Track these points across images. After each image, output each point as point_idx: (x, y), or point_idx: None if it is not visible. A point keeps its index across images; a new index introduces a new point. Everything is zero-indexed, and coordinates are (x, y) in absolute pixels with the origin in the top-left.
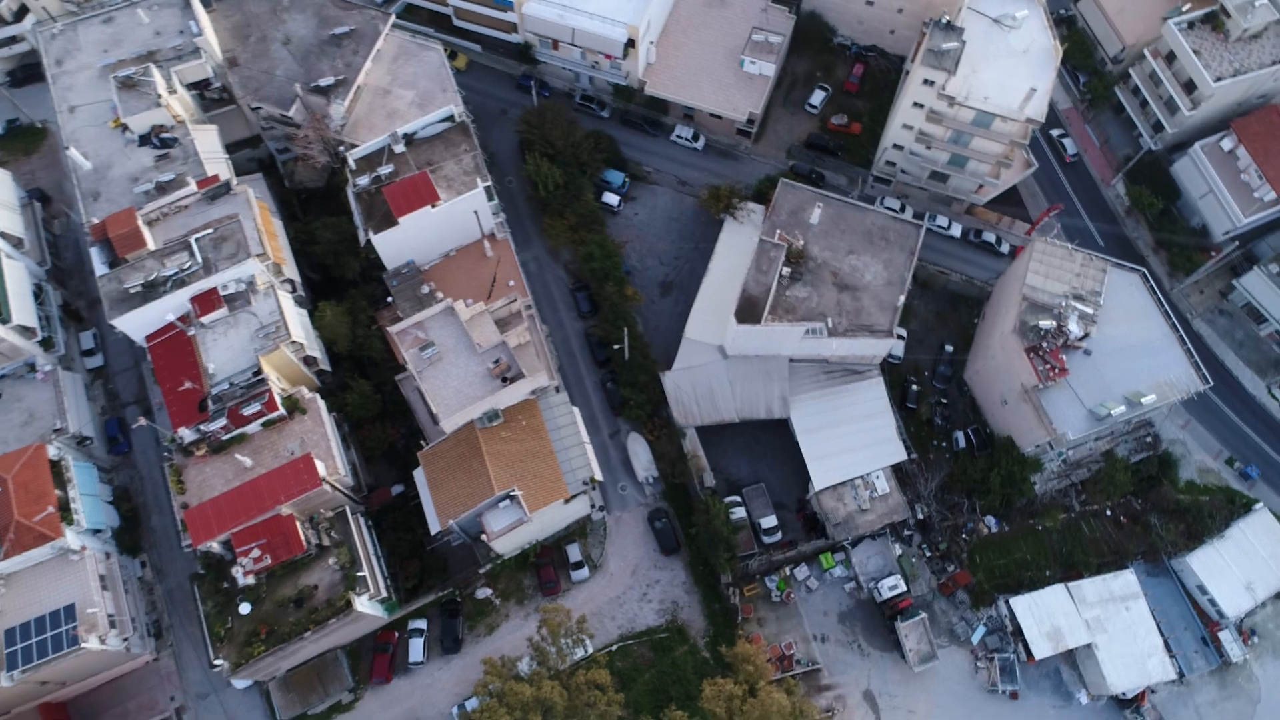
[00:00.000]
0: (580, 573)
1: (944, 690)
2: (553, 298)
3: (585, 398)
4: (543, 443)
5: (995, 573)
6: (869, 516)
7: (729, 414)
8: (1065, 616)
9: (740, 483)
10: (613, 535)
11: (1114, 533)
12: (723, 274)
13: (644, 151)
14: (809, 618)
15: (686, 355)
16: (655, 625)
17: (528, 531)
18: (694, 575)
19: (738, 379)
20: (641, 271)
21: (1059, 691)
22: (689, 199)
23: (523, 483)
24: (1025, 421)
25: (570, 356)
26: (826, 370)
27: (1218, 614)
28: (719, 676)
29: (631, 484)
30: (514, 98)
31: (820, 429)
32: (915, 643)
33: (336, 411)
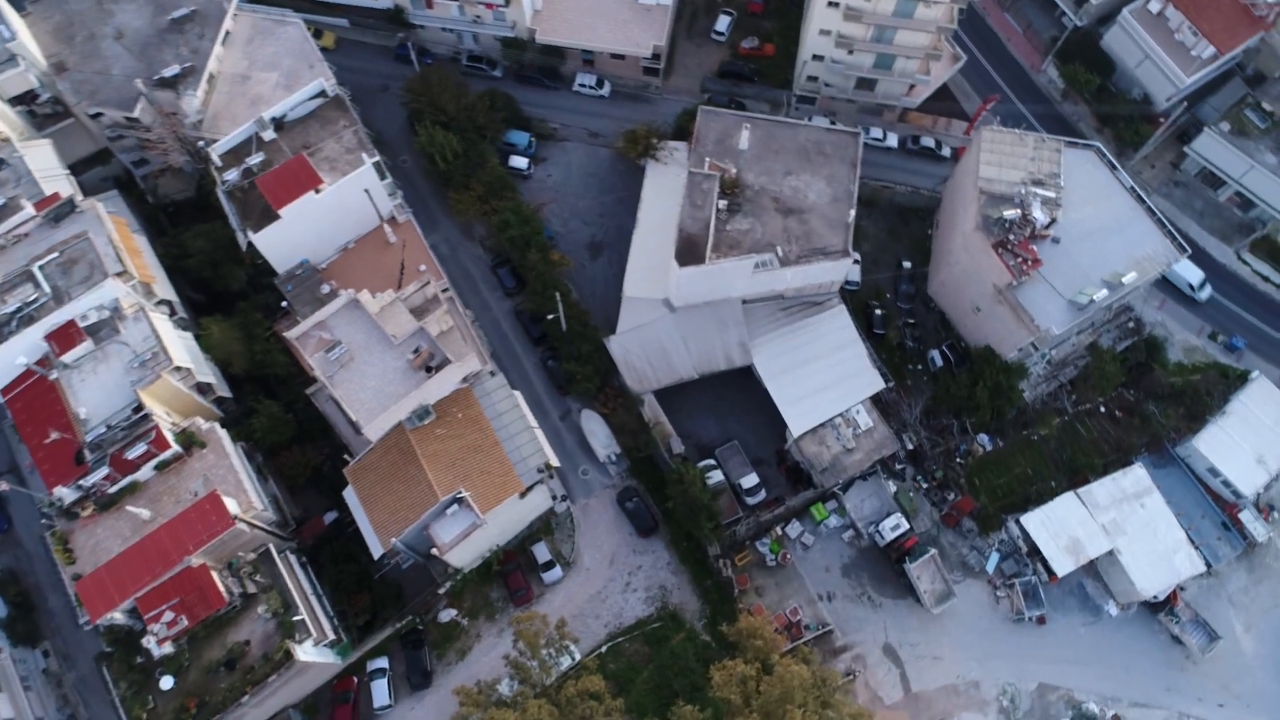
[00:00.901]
0: (552, 573)
1: (967, 628)
2: (473, 279)
3: (526, 381)
4: (485, 435)
5: (998, 493)
6: (856, 456)
7: (686, 371)
8: (1081, 526)
9: (711, 444)
10: (582, 526)
11: (1112, 429)
12: (654, 222)
13: (547, 107)
14: (810, 577)
15: (630, 315)
16: (645, 616)
17: (485, 537)
18: (678, 553)
19: (690, 332)
20: (566, 235)
21: (1086, 608)
22: (604, 150)
23: (469, 482)
24: (1003, 325)
25: (503, 339)
26: (784, 307)
27: (1234, 495)
28: (726, 659)
29: (593, 467)
30: (394, 70)
31: (788, 370)
32: (929, 583)
33: (244, 441)
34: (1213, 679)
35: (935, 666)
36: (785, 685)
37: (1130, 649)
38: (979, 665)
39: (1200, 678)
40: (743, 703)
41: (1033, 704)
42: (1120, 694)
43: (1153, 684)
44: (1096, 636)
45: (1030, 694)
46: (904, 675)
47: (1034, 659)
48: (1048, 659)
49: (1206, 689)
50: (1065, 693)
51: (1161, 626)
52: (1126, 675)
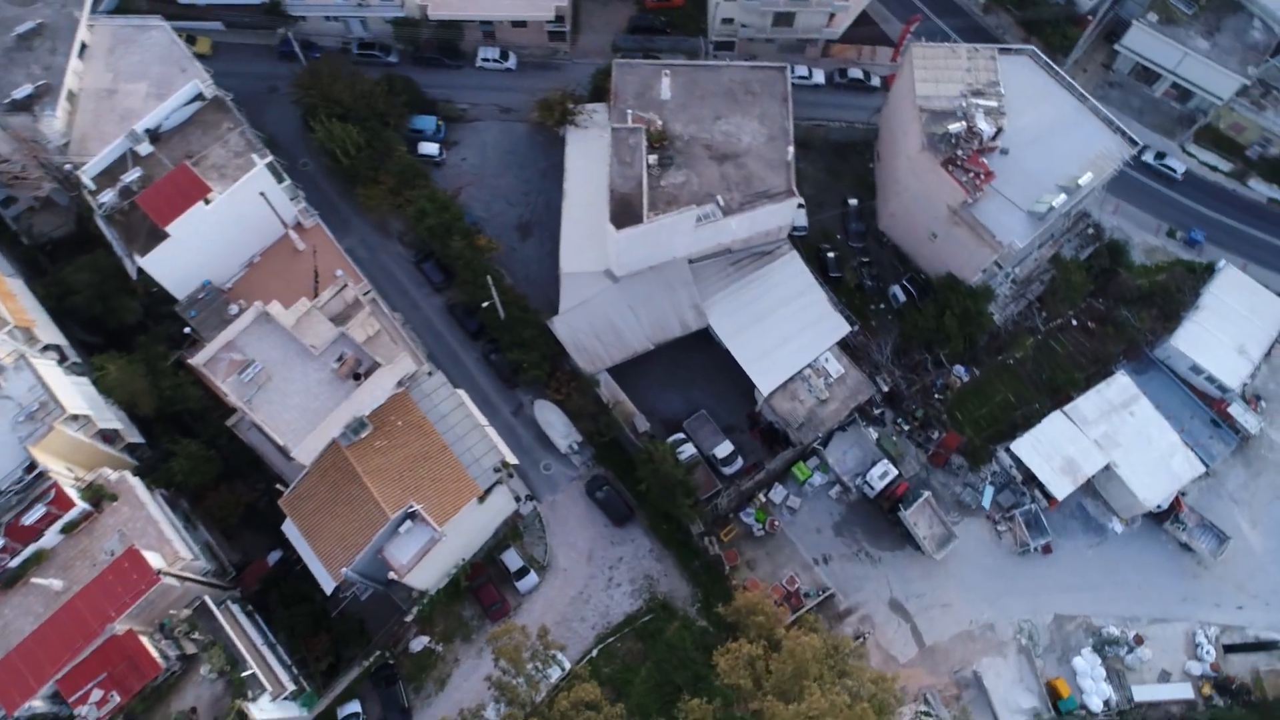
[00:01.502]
0: (527, 580)
1: (972, 570)
2: (397, 280)
3: (470, 380)
4: (430, 440)
5: (983, 424)
6: (831, 406)
7: (639, 343)
8: (1073, 444)
9: (678, 418)
10: (552, 525)
11: (1087, 341)
12: (583, 192)
13: (452, 88)
14: (802, 542)
15: (571, 292)
16: (634, 610)
17: (447, 552)
18: (660, 538)
19: (638, 301)
20: (490, 220)
21: (1090, 529)
22: (519, 125)
23: (420, 494)
24: (963, 248)
25: (438, 339)
26: (733, 261)
27: (1220, 390)
28: (729, 641)
29: (555, 460)
30: (280, 70)
31: (747, 327)
32: (927, 528)
33: (164, 487)
34: (1227, 582)
35: (946, 615)
36: (797, 659)
37: (1141, 564)
38: (990, 606)
39: (1215, 582)
40: (753, 685)
41: (1051, 637)
42: (1138, 612)
43: (1168, 597)
44: (1105, 557)
45: (1047, 627)
46: (915, 629)
47: (1045, 590)
48: (1059, 588)
49: (1223, 593)
50: (1082, 620)
51: (1169, 536)
52: (1141, 592)
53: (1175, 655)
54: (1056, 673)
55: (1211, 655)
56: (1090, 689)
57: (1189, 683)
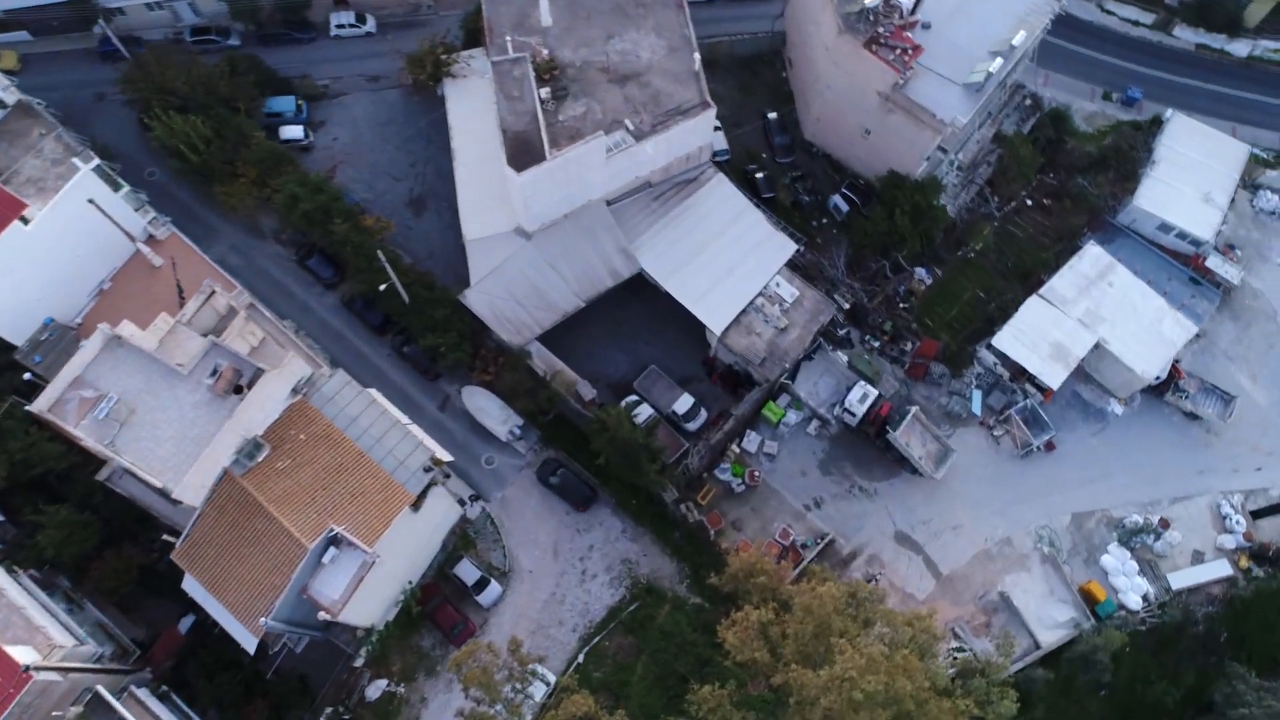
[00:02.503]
0: (489, 592)
1: (976, 484)
2: (282, 285)
3: (384, 380)
4: (343, 449)
5: (956, 326)
6: (792, 334)
7: (569, 303)
8: (1056, 327)
9: (627, 379)
10: (507, 524)
11: (1047, 220)
12: (474, 148)
13: (309, 64)
14: (788, 489)
15: (480, 260)
16: (617, 602)
17: (387, 575)
18: (630, 515)
19: (558, 256)
20: (377, 200)
21: (1090, 416)
22: (391, 91)
23: (340, 513)
24: (900, 138)
25: (339, 340)
26: (656, 196)
27: (1194, 245)
28: (732, 613)
29: (497, 451)
30: (105, 74)
31: (685, 264)
32: (921, 446)
33: (35, 566)
34: (1240, 445)
35: (958, 538)
36: (817, 615)
37: (1149, 444)
38: (1003, 519)
39: (1228, 448)
40: (770, 657)
41: (1073, 539)
42: (1156, 494)
43: (1184, 472)
44: (1111, 443)
45: (1066, 530)
46: (928, 560)
47: (1056, 491)
48: (1070, 485)
49: (1238, 457)
50: (1101, 514)
51: (1172, 408)
52: (1155, 473)
53: (1204, 532)
54: (1087, 576)
55: (1241, 525)
56: (1125, 586)
57: (1224, 559)
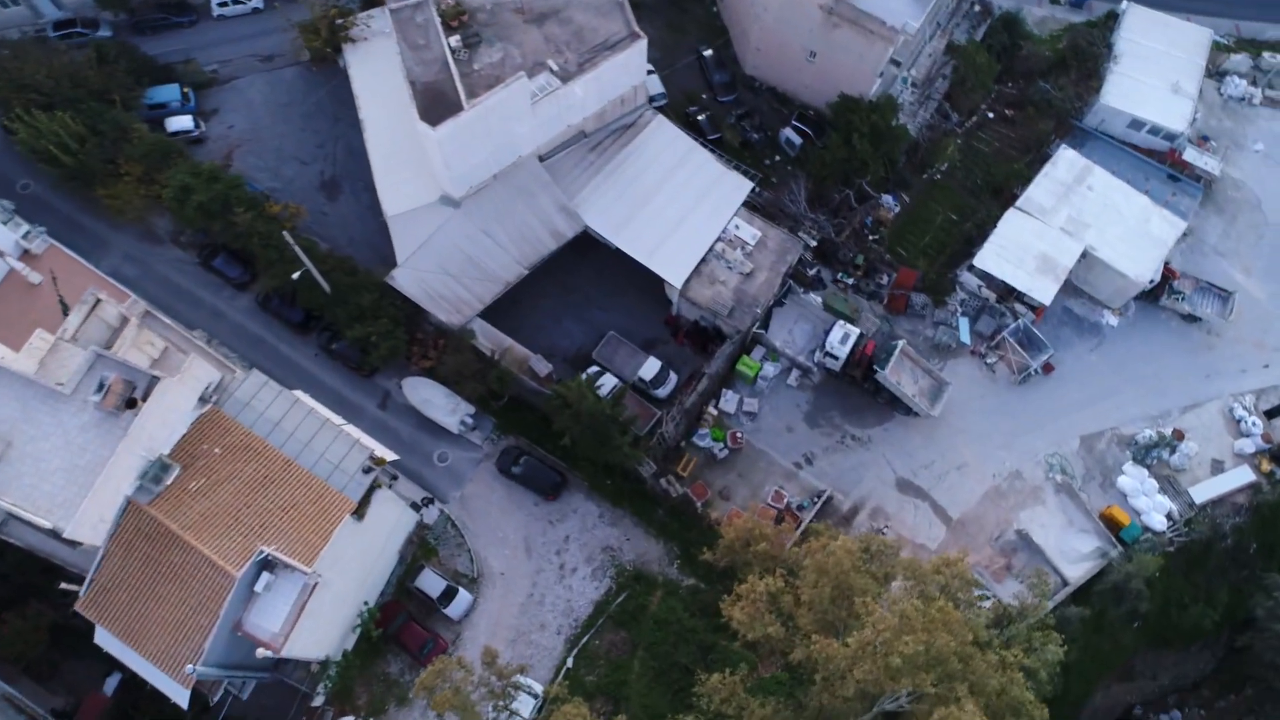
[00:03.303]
0: (458, 602)
1: (976, 417)
2: (186, 292)
3: (314, 384)
4: (267, 459)
5: (932, 253)
6: (759, 278)
7: (510, 272)
8: (1040, 239)
9: (584, 351)
10: (470, 525)
11: (1012, 131)
12: (384, 115)
13: (193, 49)
14: (775, 448)
15: (405, 237)
16: (602, 595)
17: (336, 597)
18: (606, 497)
19: (491, 222)
20: (285, 187)
21: (1084, 332)
22: (288, 70)
23: (270, 532)
24: (849, 55)
25: (258, 345)
26: (593, 146)
27: (1167, 140)
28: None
29: (449, 445)
30: None
31: (633, 216)
32: (913, 383)
33: None
34: (1243, 343)
35: (964, 478)
36: (834, 575)
37: (1150, 353)
38: (1008, 451)
39: (1231, 347)
40: (785, 631)
41: (1085, 464)
42: (1165, 405)
43: (1190, 378)
44: (1110, 358)
45: (1077, 454)
46: (936, 506)
47: (1061, 415)
48: (1074, 407)
49: (1244, 356)
50: (1111, 434)
51: (1169, 313)
52: (1160, 383)
53: (1220, 440)
54: (1106, 502)
55: (1258, 426)
56: (1147, 507)
57: (1245, 464)
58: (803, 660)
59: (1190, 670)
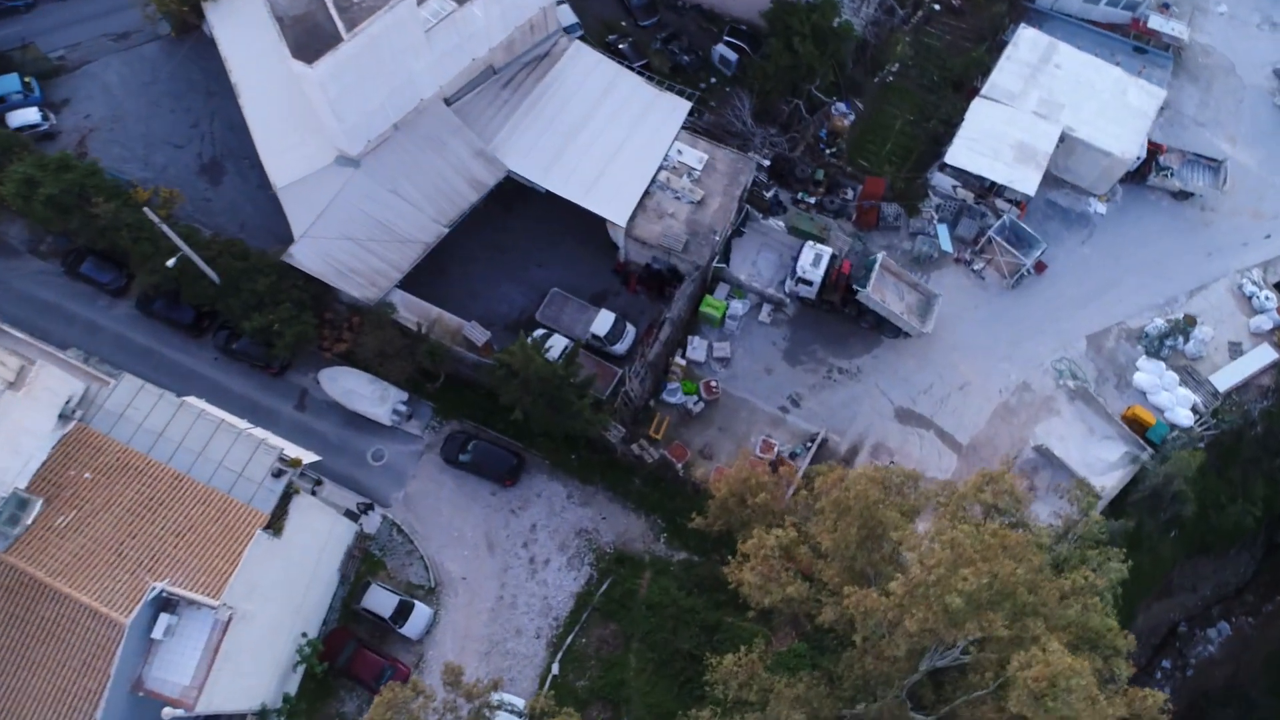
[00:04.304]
0: (416, 618)
1: (971, 331)
2: (54, 307)
3: (218, 392)
4: (153, 477)
5: (896, 160)
6: (713, 205)
7: (427, 232)
8: (1013, 126)
9: (526, 314)
10: (419, 528)
11: (961, 21)
12: (260, 77)
13: (32, 34)
14: (755, 393)
15: (300, 207)
16: (582, 587)
17: (262, 632)
18: (573, 474)
19: (400, 178)
20: (159, 176)
21: (1073, 224)
22: (149, 46)
23: (164, 563)
24: None
25: (145, 356)
26: (505, 83)
27: (1128, 9)
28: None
29: (384, 441)
30: None
31: (561, 153)
32: (899, 299)
33: None
34: (1239, 215)
35: (968, 398)
36: (859, 512)
37: (1145, 238)
38: (1011, 363)
39: (1228, 220)
40: (806, 590)
41: (1096, 365)
42: (1170, 291)
43: (1191, 259)
44: (1104, 249)
45: (1085, 356)
46: (942, 433)
47: (1061, 316)
48: (1075, 305)
49: (1242, 229)
50: (1119, 329)
51: (1158, 192)
52: (1160, 268)
53: (1234, 320)
54: (1125, 403)
55: (1271, 300)
56: (1170, 402)
57: (1264, 343)
58: (834, 621)
59: (1230, 577)
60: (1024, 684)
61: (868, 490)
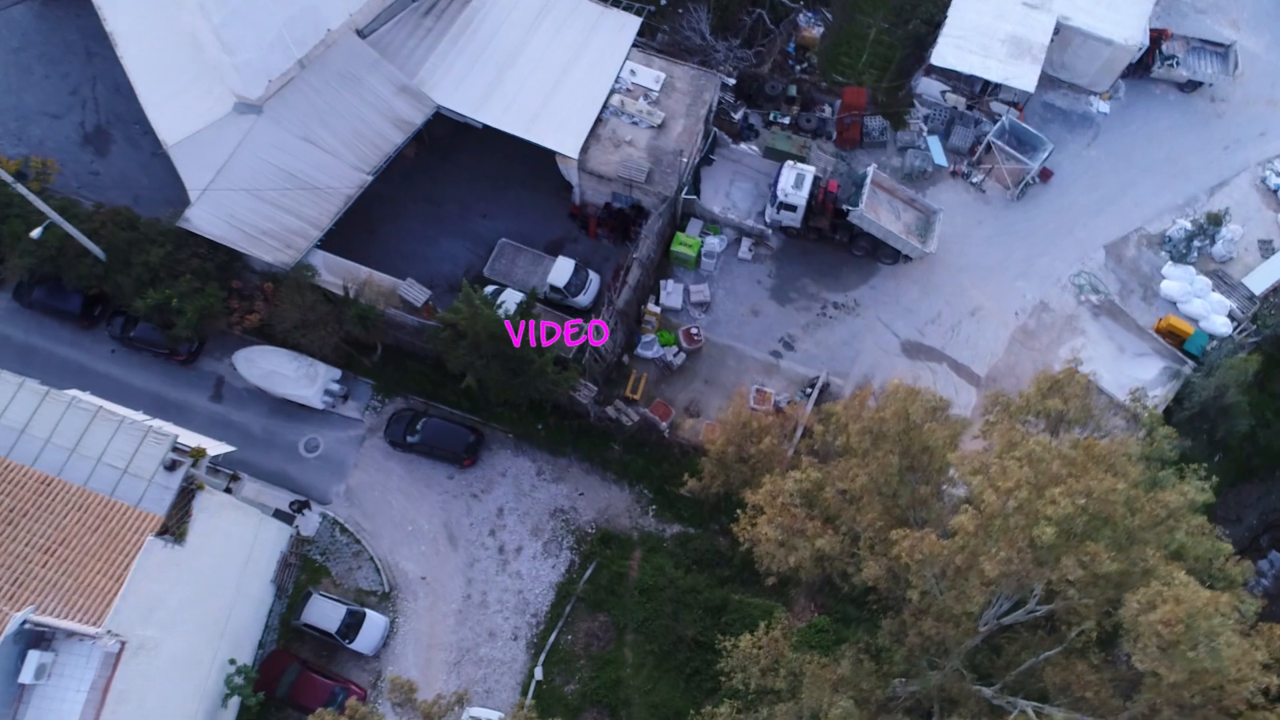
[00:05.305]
0: (368, 630)
1: (976, 249)
2: None
3: (121, 390)
4: (12, 485)
5: (874, 70)
6: (676, 129)
7: (348, 181)
8: (1002, 19)
9: (472, 268)
10: (365, 525)
11: None
12: (142, 20)
13: None
14: (742, 340)
15: (195, 166)
16: (564, 575)
17: (171, 664)
18: (542, 447)
19: (312, 122)
20: (36, 147)
21: (1075, 126)
22: (14, 9)
23: (30, 587)
24: None
25: (28, 357)
26: (426, 10)
27: None
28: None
29: (317, 427)
30: None
31: (498, 84)
32: (894, 218)
33: None
34: (1254, 104)
35: (982, 324)
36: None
37: (1156, 135)
38: (1026, 281)
39: (1241, 111)
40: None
41: (1119, 277)
42: (1189, 190)
43: (1207, 155)
44: (1112, 150)
45: (1106, 268)
46: (956, 365)
47: (1075, 226)
48: (1088, 214)
49: (1258, 118)
50: (1138, 235)
51: (1164, 85)
52: (1176, 166)
53: (1261, 216)
54: (1155, 316)
55: None
56: (1204, 310)
57: None
58: (878, 579)
59: (1277, 502)
60: (1150, 631)
61: (909, 405)
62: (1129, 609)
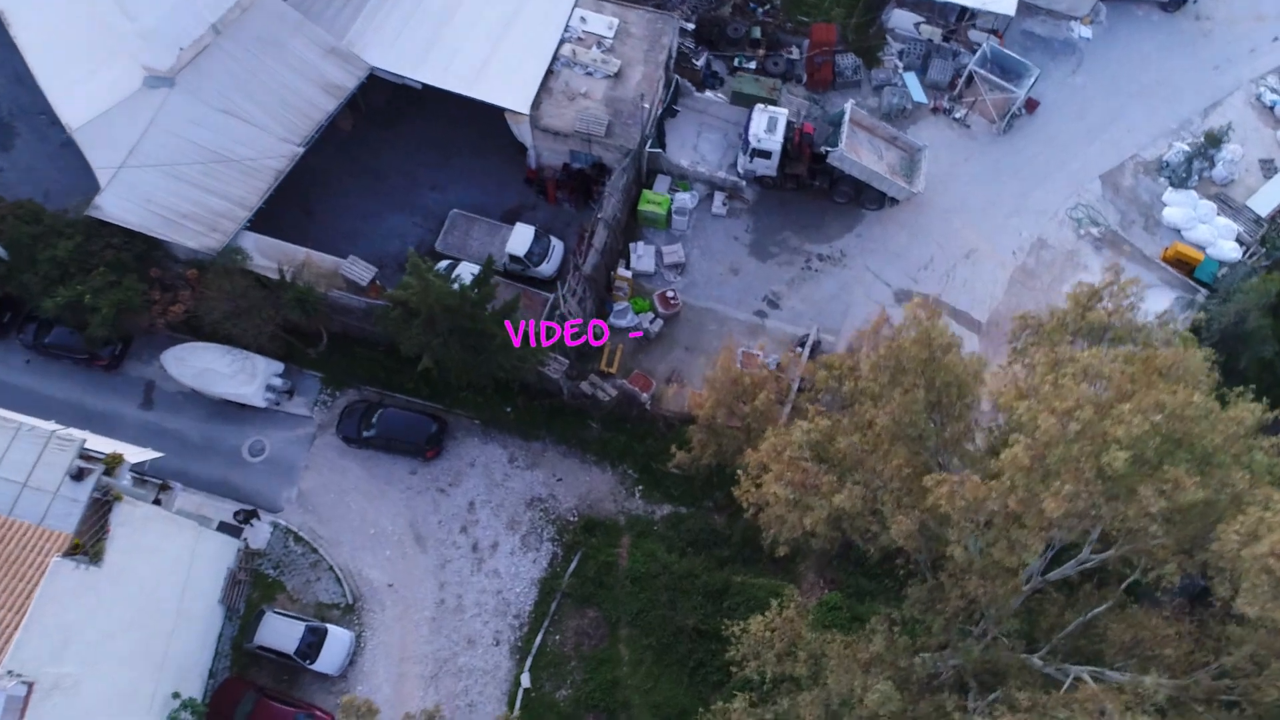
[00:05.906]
0: (331, 648)
1: (965, 188)
2: None
3: (35, 403)
4: None
5: (840, 8)
6: (635, 76)
7: (277, 154)
8: None
9: (423, 243)
10: (322, 532)
11: None
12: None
13: None
14: (723, 301)
15: (103, 149)
16: (547, 569)
17: (97, 703)
18: (511, 431)
19: (232, 92)
20: None
21: (1057, 54)
22: None
23: None
24: None
25: None
26: None
27: None
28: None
29: (261, 428)
30: None
31: (435, 40)
32: (876, 157)
33: None
34: (1241, 21)
35: (978, 267)
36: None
37: (1143, 59)
38: (1020, 218)
39: (1228, 29)
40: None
41: (1118, 207)
42: (1182, 113)
43: (1198, 76)
44: (1098, 76)
45: (1104, 199)
46: (955, 312)
47: (1067, 158)
48: (1079, 144)
49: (1247, 34)
50: (1134, 163)
51: (1146, 5)
52: (1167, 89)
53: (1259, 135)
54: (1161, 245)
55: None
56: (1210, 236)
57: None
58: (911, 534)
59: None
60: (1259, 567)
61: (932, 330)
62: (1225, 543)
